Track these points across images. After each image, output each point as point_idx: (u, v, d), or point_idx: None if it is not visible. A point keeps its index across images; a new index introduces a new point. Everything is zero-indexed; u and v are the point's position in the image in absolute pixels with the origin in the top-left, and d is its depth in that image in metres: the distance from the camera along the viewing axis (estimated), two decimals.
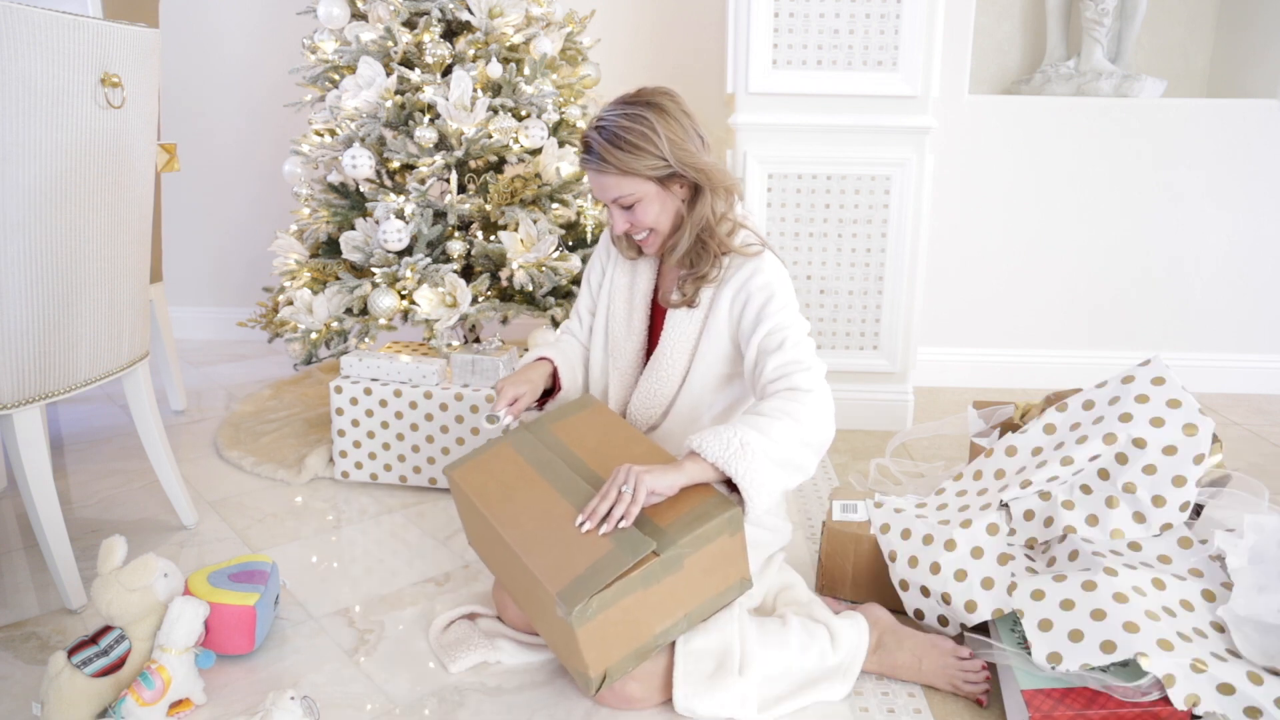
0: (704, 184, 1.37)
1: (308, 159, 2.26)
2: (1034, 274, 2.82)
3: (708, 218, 1.38)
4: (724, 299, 1.40)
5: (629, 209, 1.38)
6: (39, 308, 1.41)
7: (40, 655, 1.40)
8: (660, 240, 1.43)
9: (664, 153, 1.33)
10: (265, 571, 1.46)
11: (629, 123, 1.32)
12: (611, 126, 1.33)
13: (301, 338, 2.13)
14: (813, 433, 1.25)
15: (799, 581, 1.49)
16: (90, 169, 1.44)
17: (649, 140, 1.32)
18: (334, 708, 1.29)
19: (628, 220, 1.39)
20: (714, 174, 1.37)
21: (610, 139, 1.33)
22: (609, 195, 1.37)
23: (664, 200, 1.38)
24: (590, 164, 1.36)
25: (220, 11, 3.08)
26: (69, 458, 2.20)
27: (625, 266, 1.55)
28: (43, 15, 1.31)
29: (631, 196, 1.36)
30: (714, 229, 1.39)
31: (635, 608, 1.15)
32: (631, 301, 1.53)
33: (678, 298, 1.43)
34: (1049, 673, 1.22)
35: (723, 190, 1.39)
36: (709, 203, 1.38)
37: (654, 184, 1.36)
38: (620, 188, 1.35)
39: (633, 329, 1.53)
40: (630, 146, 1.32)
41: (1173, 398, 1.48)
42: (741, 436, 1.20)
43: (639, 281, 1.53)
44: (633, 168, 1.33)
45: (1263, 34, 2.81)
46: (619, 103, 1.37)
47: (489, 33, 2.15)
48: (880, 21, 2.19)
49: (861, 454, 2.25)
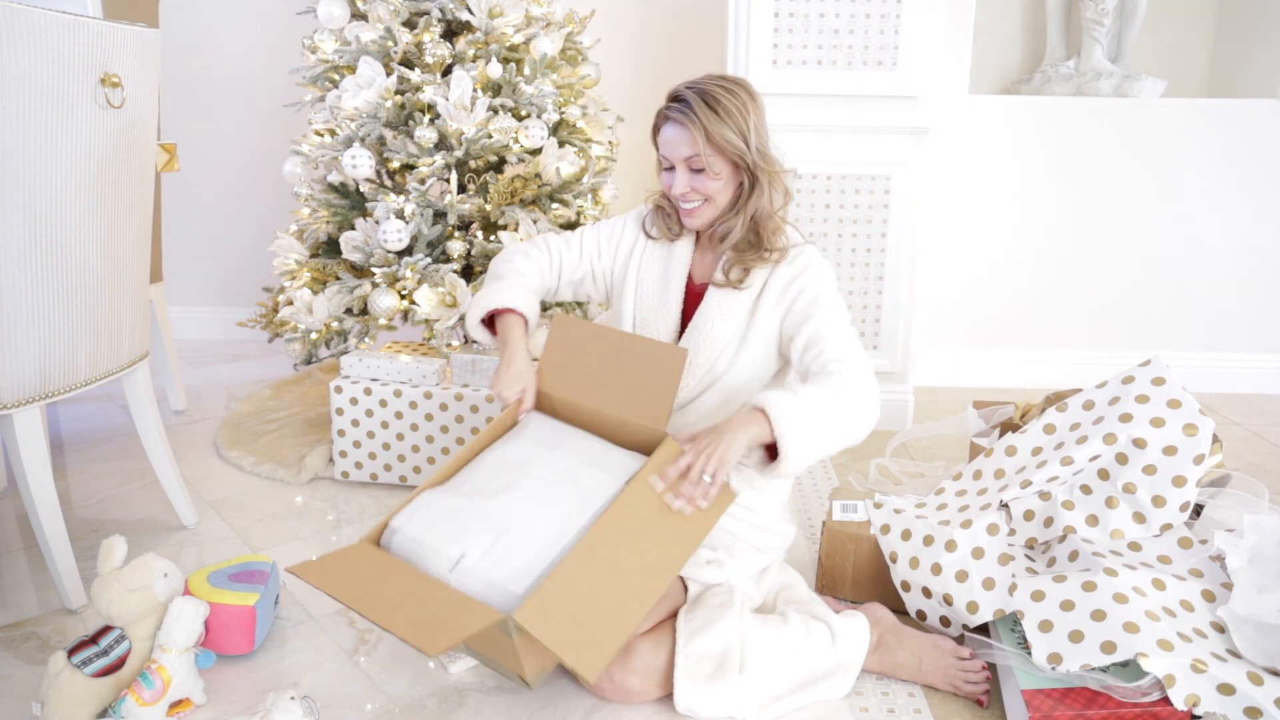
0: (767, 176, 1.39)
1: (308, 159, 2.26)
2: (1034, 274, 2.83)
3: (765, 208, 1.41)
4: (774, 287, 1.42)
5: (698, 172, 1.38)
6: (39, 307, 1.41)
7: (40, 655, 1.40)
8: (711, 216, 1.43)
9: (748, 131, 1.35)
10: (265, 571, 1.46)
11: (725, 92, 1.35)
12: (708, 89, 1.35)
13: (301, 338, 2.13)
14: (858, 410, 1.29)
15: (799, 580, 1.49)
16: (90, 169, 1.44)
17: (740, 114, 1.35)
18: (334, 708, 1.29)
19: (691, 183, 1.39)
20: (778, 167, 1.41)
21: (704, 97, 1.34)
22: (683, 152, 1.37)
23: (730, 176, 1.39)
24: (676, 114, 1.36)
25: (220, 11, 3.08)
26: (69, 458, 2.20)
27: (657, 253, 1.53)
28: (43, 15, 1.31)
29: (702, 160, 1.36)
30: (769, 219, 1.41)
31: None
32: (667, 283, 1.50)
33: (722, 279, 1.43)
34: (1049, 673, 1.22)
35: (781, 187, 1.42)
36: (768, 195, 1.40)
37: (727, 159, 1.37)
38: (696, 146, 1.35)
39: (667, 309, 1.50)
40: (724, 111, 1.34)
41: (1173, 398, 1.48)
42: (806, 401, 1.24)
43: (674, 263, 1.51)
44: (717, 133, 1.34)
45: (1263, 34, 2.81)
46: (712, 75, 1.39)
47: (489, 33, 2.15)
48: (880, 21, 2.19)
49: (861, 454, 2.25)
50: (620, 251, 1.56)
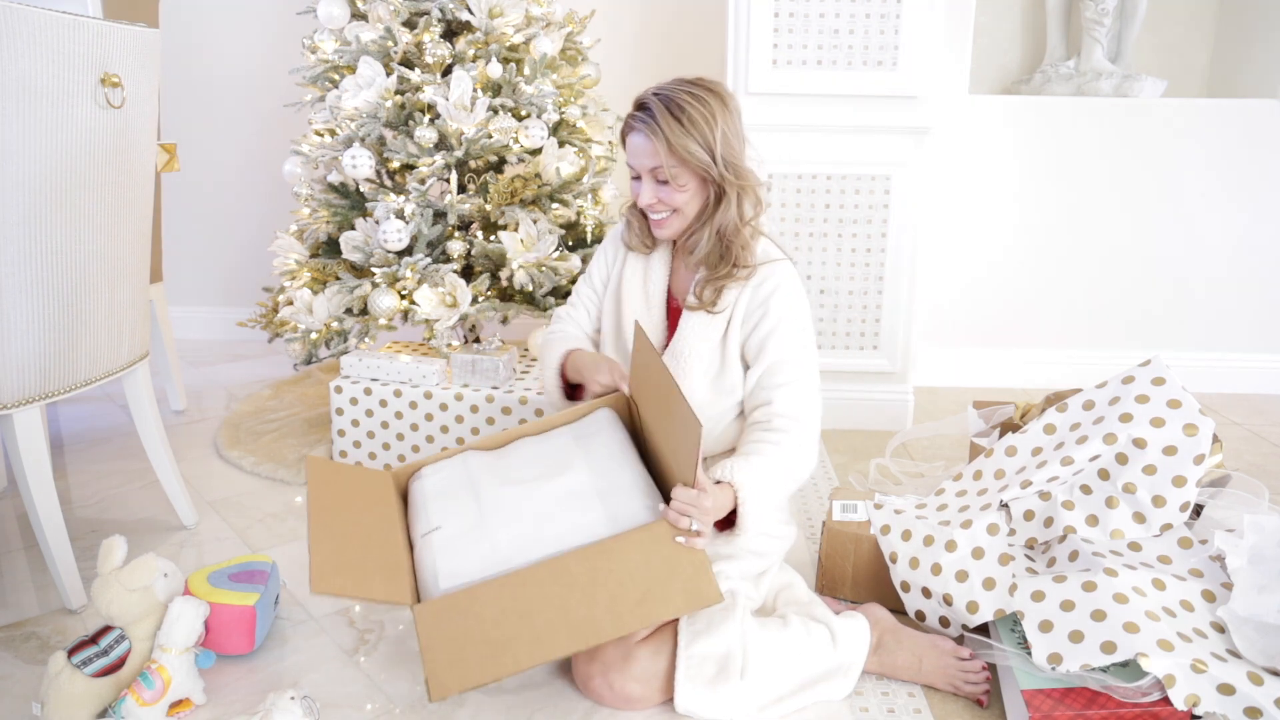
0: (735, 189, 1.36)
1: (308, 159, 2.26)
2: (1034, 274, 2.82)
3: (734, 221, 1.38)
4: (741, 308, 1.40)
5: (663, 184, 1.36)
6: (39, 307, 1.41)
7: (40, 655, 1.40)
8: (680, 227, 1.42)
9: (714, 143, 1.32)
10: (265, 571, 1.46)
11: (692, 100, 1.32)
12: (674, 97, 1.32)
13: (301, 338, 2.13)
14: (800, 472, 1.37)
15: (799, 580, 1.49)
16: (90, 169, 1.44)
17: (707, 124, 1.32)
18: (334, 708, 1.29)
19: (657, 194, 1.38)
20: (748, 178, 1.38)
21: (669, 106, 1.32)
22: (647, 163, 1.35)
23: (697, 188, 1.38)
24: (639, 125, 1.34)
25: (220, 11, 3.08)
26: (69, 458, 2.20)
27: (637, 265, 1.52)
28: (43, 15, 1.31)
29: (665, 172, 1.34)
30: (738, 233, 1.38)
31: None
32: (648, 297, 1.50)
33: (694, 302, 1.42)
34: (1049, 673, 1.22)
35: (752, 198, 1.39)
36: (736, 205, 1.37)
37: (692, 171, 1.35)
38: (659, 158, 1.33)
39: (651, 323, 1.49)
40: (688, 121, 1.31)
41: (1173, 398, 1.48)
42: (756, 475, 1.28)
43: (653, 279, 1.50)
44: (680, 144, 1.31)
45: (1263, 34, 2.81)
46: (682, 80, 1.36)
47: (489, 33, 2.15)
48: (880, 21, 2.19)
49: (861, 454, 2.25)
50: (611, 276, 1.57)
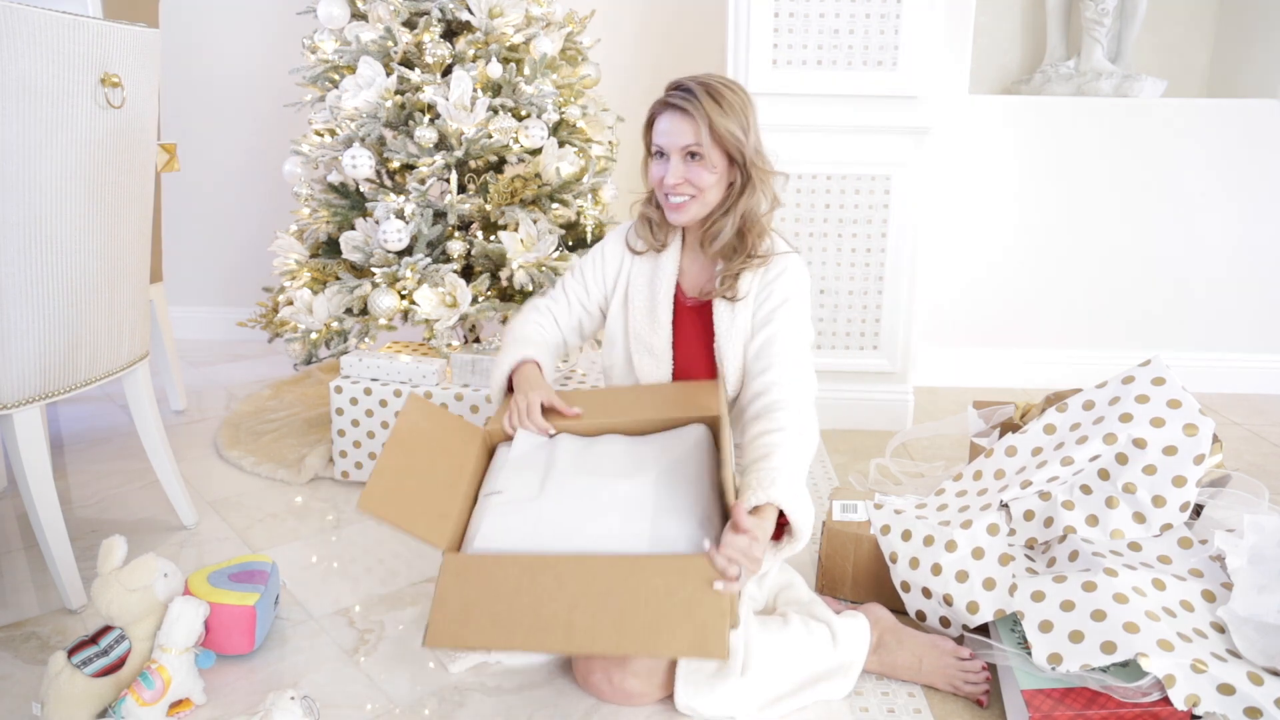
0: (760, 175, 1.43)
1: (308, 159, 2.26)
2: (1034, 274, 2.83)
3: (754, 211, 1.45)
4: (754, 291, 1.46)
5: (693, 162, 1.41)
6: (39, 307, 1.41)
7: (40, 655, 1.40)
8: (697, 213, 1.46)
9: (748, 130, 1.40)
10: (265, 571, 1.46)
11: (730, 89, 1.40)
12: (711, 82, 1.39)
13: (301, 338, 2.13)
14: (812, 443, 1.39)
15: (799, 580, 1.49)
16: (90, 169, 1.44)
17: (744, 112, 1.40)
18: (334, 708, 1.29)
19: (685, 174, 1.42)
20: (769, 175, 1.45)
21: (710, 90, 1.38)
22: (682, 141, 1.40)
23: (724, 173, 1.43)
24: (680, 101, 1.39)
25: (220, 11, 3.08)
26: (69, 458, 2.20)
27: (644, 266, 1.56)
28: (43, 15, 1.31)
29: (701, 149, 1.39)
30: (756, 222, 1.45)
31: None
32: (655, 296, 1.54)
33: (721, 291, 1.47)
34: (1049, 673, 1.22)
35: (770, 191, 1.45)
36: (759, 195, 1.44)
37: (723, 153, 1.41)
38: (698, 135, 1.38)
39: (658, 322, 1.53)
40: (726, 105, 1.38)
41: (1173, 398, 1.48)
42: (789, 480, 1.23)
43: (662, 275, 1.54)
44: (720, 123, 1.37)
45: (1263, 34, 2.81)
46: (711, 74, 1.43)
47: (489, 33, 2.15)
48: (880, 21, 2.19)
49: (861, 454, 2.25)
50: (608, 277, 1.60)
